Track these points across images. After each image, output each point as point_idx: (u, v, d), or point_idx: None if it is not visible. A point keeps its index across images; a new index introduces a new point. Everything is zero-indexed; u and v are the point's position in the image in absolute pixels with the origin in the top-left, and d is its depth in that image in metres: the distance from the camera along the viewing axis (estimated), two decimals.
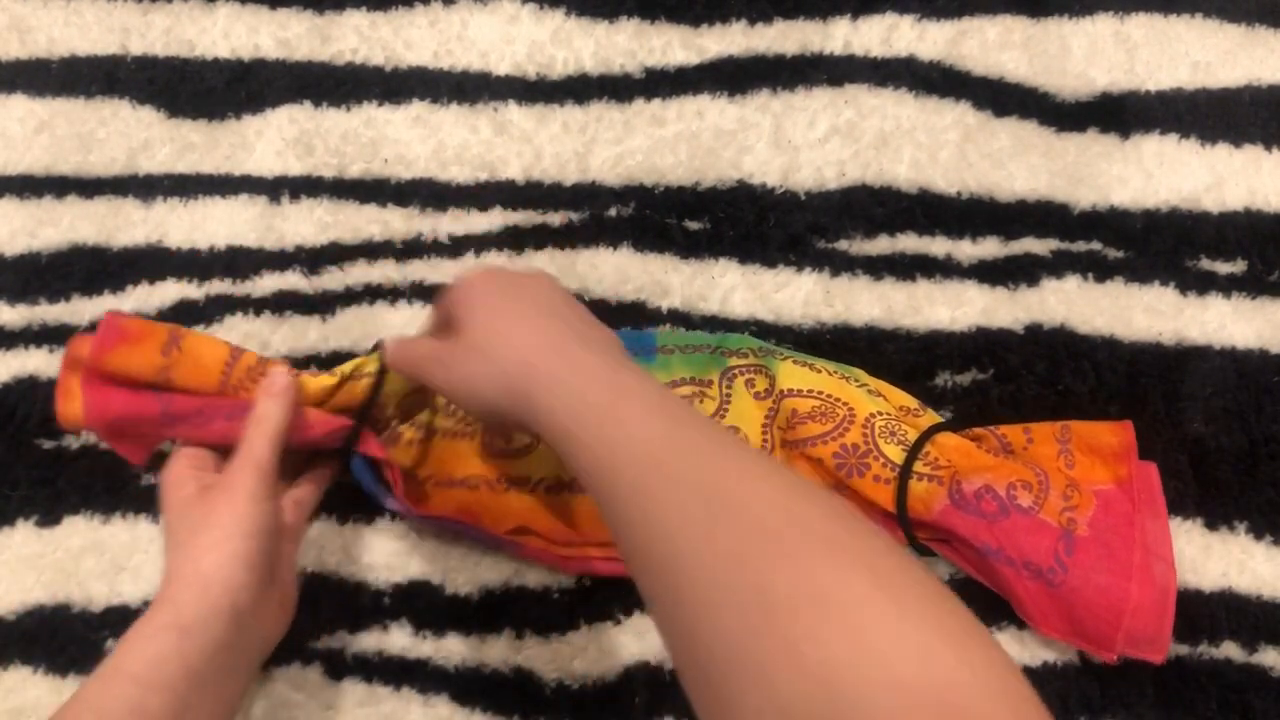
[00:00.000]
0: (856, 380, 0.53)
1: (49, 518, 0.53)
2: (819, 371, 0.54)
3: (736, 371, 0.54)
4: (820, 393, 0.52)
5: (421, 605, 0.51)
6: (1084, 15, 0.64)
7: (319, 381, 0.49)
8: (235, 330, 0.57)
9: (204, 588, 0.40)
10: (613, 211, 0.60)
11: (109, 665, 0.38)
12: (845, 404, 0.52)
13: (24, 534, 0.53)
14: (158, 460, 0.48)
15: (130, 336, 0.46)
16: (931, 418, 0.53)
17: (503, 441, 0.51)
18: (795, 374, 0.53)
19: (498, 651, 0.50)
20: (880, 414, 0.51)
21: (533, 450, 0.52)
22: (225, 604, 0.40)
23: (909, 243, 0.59)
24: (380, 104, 0.62)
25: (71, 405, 0.46)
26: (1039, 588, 0.46)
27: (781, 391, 0.53)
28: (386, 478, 0.50)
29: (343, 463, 0.50)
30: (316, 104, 0.62)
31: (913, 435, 0.50)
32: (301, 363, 0.56)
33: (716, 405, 0.53)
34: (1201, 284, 0.58)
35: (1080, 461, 0.50)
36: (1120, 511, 0.48)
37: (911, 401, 0.53)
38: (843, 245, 0.59)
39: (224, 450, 0.46)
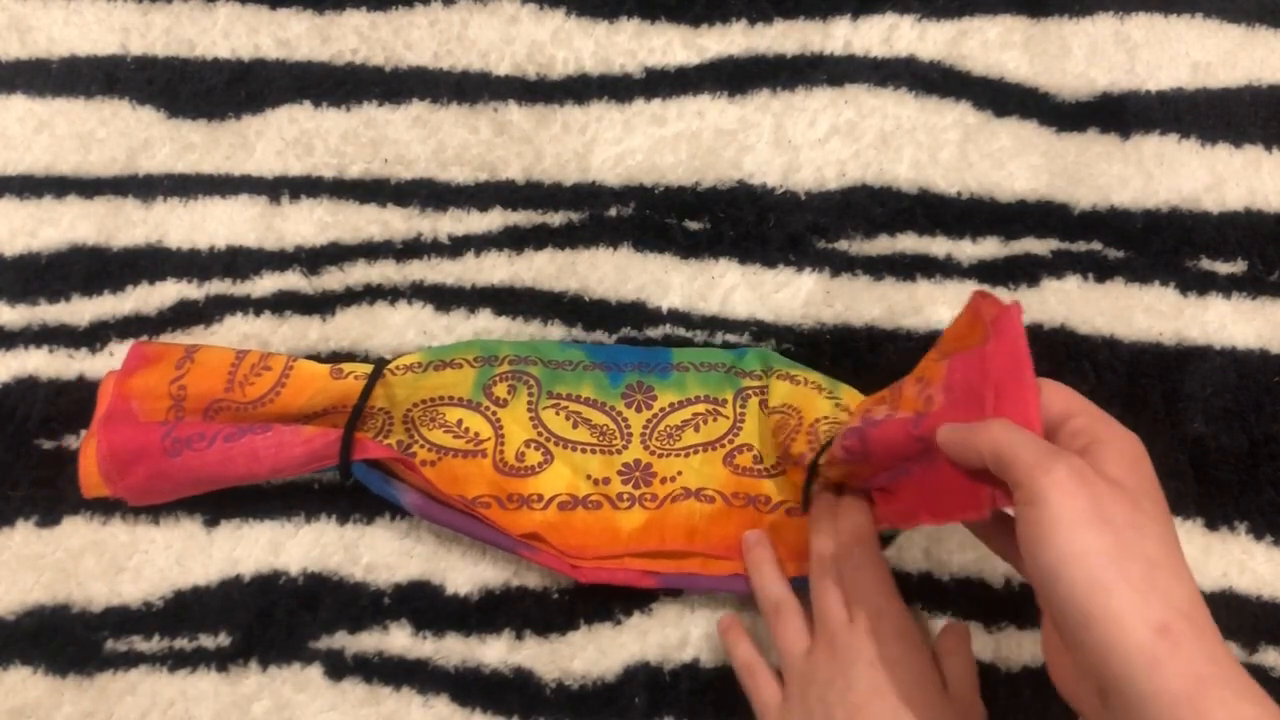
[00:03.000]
0: (830, 392, 0.53)
1: (49, 518, 0.53)
2: (799, 383, 0.53)
3: (751, 392, 0.54)
4: (787, 406, 0.52)
5: (421, 605, 0.51)
6: (1084, 15, 0.64)
7: (315, 367, 0.52)
8: (235, 330, 0.57)
9: None
10: (613, 211, 0.60)
11: None
12: (797, 411, 0.52)
13: (24, 534, 0.53)
14: None
15: (150, 359, 0.52)
16: None
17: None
18: (779, 390, 0.53)
19: (497, 652, 0.50)
20: (826, 419, 0.50)
21: (546, 468, 0.52)
22: None
23: (909, 243, 0.59)
24: (380, 104, 0.62)
25: (89, 470, 0.49)
26: (911, 480, 0.43)
27: (770, 409, 0.53)
28: (398, 474, 0.50)
29: (345, 473, 0.50)
30: (316, 104, 0.62)
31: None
32: None
33: (730, 424, 0.53)
34: (1201, 284, 0.58)
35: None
36: (973, 361, 0.41)
37: None
38: (843, 245, 0.59)
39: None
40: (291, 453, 0.49)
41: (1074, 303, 0.57)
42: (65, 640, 0.51)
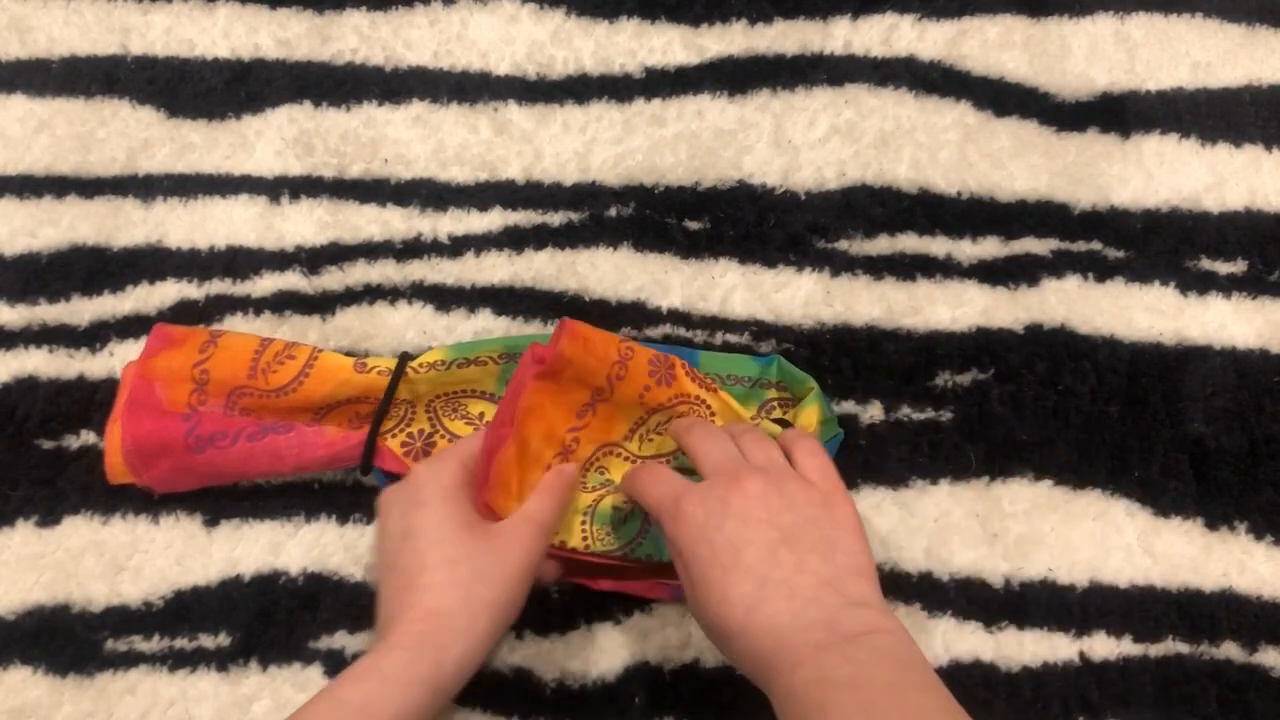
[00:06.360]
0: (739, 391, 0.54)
1: (49, 518, 0.53)
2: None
3: (774, 404, 0.54)
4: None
5: None
6: (1084, 15, 0.64)
7: (339, 359, 0.51)
8: (235, 330, 0.57)
9: (472, 648, 0.41)
10: (613, 211, 0.60)
11: (352, 701, 0.38)
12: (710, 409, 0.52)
13: (24, 534, 0.53)
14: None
15: (174, 341, 0.51)
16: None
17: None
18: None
19: (497, 651, 0.50)
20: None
21: None
22: (477, 665, 0.41)
23: (909, 243, 0.59)
24: (380, 104, 0.62)
25: (114, 460, 0.50)
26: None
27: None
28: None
29: (366, 471, 0.51)
30: (316, 104, 0.62)
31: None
32: None
33: None
34: (1201, 284, 0.58)
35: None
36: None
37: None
38: (843, 245, 0.59)
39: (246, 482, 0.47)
40: (314, 453, 0.50)
41: (1074, 303, 0.57)
42: (65, 640, 0.51)
